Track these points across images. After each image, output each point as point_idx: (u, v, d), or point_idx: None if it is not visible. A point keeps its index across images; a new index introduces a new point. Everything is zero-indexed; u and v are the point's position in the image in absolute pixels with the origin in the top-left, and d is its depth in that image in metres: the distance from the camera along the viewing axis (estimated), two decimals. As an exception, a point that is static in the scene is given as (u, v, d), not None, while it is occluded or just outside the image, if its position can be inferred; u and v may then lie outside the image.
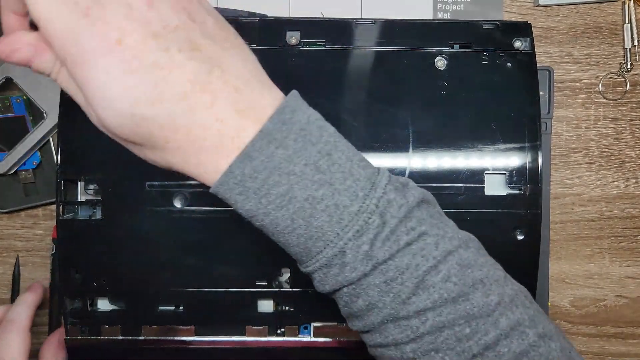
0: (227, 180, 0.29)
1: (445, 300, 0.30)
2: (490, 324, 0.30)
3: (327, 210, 0.29)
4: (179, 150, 0.29)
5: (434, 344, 0.30)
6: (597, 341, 0.54)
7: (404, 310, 0.30)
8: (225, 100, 0.28)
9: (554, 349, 0.30)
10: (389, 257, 0.30)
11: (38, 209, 0.52)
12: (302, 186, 0.29)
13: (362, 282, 0.30)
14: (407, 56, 0.45)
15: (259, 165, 0.29)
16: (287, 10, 0.52)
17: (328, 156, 0.30)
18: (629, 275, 0.53)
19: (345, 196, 0.30)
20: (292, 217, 0.29)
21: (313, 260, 0.31)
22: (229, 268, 0.44)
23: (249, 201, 0.30)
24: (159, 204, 0.43)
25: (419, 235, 0.30)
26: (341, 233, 0.29)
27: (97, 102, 0.28)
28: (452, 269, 0.30)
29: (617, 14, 0.53)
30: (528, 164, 0.44)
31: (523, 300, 0.32)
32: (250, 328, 0.45)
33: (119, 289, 0.44)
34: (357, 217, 0.29)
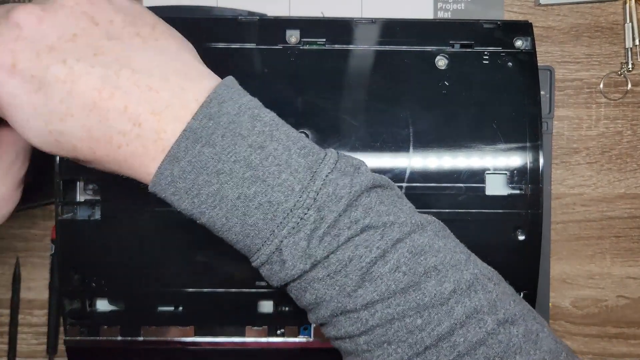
0: (158, 181, 0.29)
1: (394, 292, 0.29)
2: (444, 314, 0.29)
3: (261, 208, 0.28)
4: (110, 158, 0.29)
5: (385, 336, 0.29)
6: (598, 342, 0.53)
7: (351, 303, 0.29)
8: (137, 102, 0.28)
9: (515, 335, 0.29)
10: (328, 253, 0.29)
11: (37, 209, 0.52)
12: (233, 185, 0.28)
13: (304, 277, 0.29)
14: (408, 55, 0.45)
15: (186, 166, 0.28)
16: (287, 9, 0.52)
17: (261, 149, 0.28)
18: (630, 276, 0.53)
19: (280, 192, 0.28)
20: (226, 215, 0.29)
21: (255, 257, 0.30)
22: (228, 268, 0.44)
23: (182, 201, 0.29)
24: (158, 204, 0.43)
25: (362, 229, 0.29)
26: (276, 230, 0.28)
27: (18, 126, 0.29)
28: (402, 258, 0.29)
29: (618, 14, 0.53)
30: (529, 164, 0.43)
31: (485, 284, 0.30)
32: (250, 329, 0.45)
33: (118, 289, 0.44)
34: (292, 213, 0.28)
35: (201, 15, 0.49)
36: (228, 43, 0.44)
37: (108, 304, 0.45)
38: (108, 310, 0.45)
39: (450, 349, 0.28)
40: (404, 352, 0.29)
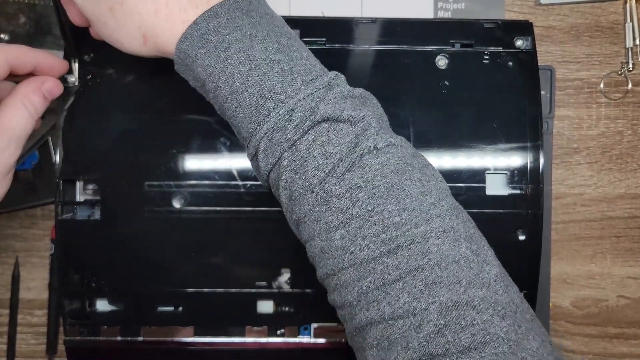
0: (191, 32, 0.31)
1: (379, 183, 0.30)
2: (422, 220, 0.29)
3: (282, 73, 0.31)
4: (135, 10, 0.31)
5: (361, 229, 0.29)
6: (599, 342, 0.53)
7: (337, 186, 0.30)
8: None
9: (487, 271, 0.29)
10: (329, 117, 0.30)
11: (37, 209, 0.52)
12: (262, 47, 0.31)
13: (301, 149, 0.30)
14: (408, 55, 0.45)
15: (224, 22, 0.31)
16: (287, 9, 0.52)
17: (288, 39, 0.32)
18: (630, 276, 0.53)
19: (301, 67, 0.31)
20: (247, 73, 0.31)
21: (261, 125, 0.31)
22: (228, 268, 0.44)
23: (208, 56, 0.31)
24: (158, 204, 0.43)
25: (363, 117, 0.31)
26: (292, 94, 0.31)
27: None
28: (392, 159, 0.30)
29: (619, 13, 0.53)
30: (529, 164, 0.43)
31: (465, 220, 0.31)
32: (250, 329, 0.45)
33: (118, 289, 0.44)
34: (310, 84, 0.31)
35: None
36: (228, 43, 0.44)
37: (108, 304, 0.45)
38: (108, 310, 0.44)
39: (422, 254, 0.28)
40: (376, 247, 0.29)
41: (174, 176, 0.43)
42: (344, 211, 0.30)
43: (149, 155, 0.43)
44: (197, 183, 0.43)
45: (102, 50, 0.43)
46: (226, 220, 0.43)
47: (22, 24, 0.48)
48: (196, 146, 0.43)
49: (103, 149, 0.43)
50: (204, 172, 0.43)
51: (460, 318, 0.27)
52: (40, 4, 0.48)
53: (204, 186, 0.43)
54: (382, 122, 0.32)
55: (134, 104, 0.43)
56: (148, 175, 0.43)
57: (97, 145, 0.43)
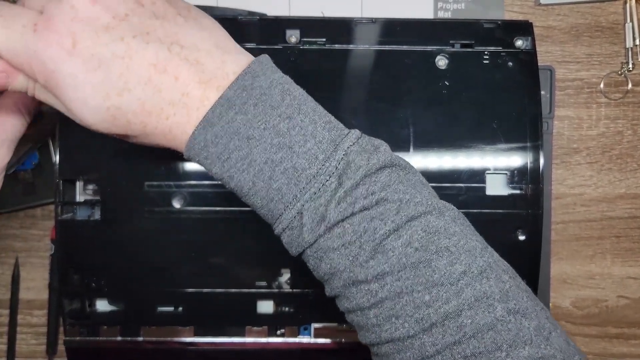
0: (192, 146, 0.31)
1: (404, 265, 0.29)
2: (453, 293, 0.29)
3: (286, 173, 0.30)
4: (157, 130, 0.31)
5: (393, 310, 0.29)
6: (599, 342, 0.53)
7: (363, 274, 0.30)
8: (187, 74, 0.30)
9: (526, 327, 0.29)
10: (342, 218, 0.30)
11: (37, 209, 0.52)
12: (261, 150, 0.30)
13: (320, 244, 0.30)
14: (408, 55, 0.44)
15: (219, 131, 0.30)
16: (287, 9, 0.52)
17: (289, 119, 0.30)
18: (630, 276, 0.53)
19: (304, 159, 0.30)
20: (253, 180, 0.30)
21: (277, 223, 0.31)
22: (228, 269, 0.44)
23: (214, 165, 0.31)
24: (158, 204, 0.43)
25: (377, 201, 0.30)
26: (299, 195, 0.30)
27: (74, 106, 0.30)
28: (415, 235, 0.30)
29: (619, 13, 0.53)
30: (529, 164, 0.43)
31: (498, 274, 0.30)
32: (250, 329, 0.45)
33: (118, 289, 0.44)
34: (315, 179, 0.30)
35: (201, 15, 0.49)
36: (228, 43, 0.44)
37: (108, 304, 0.45)
38: (108, 311, 0.44)
39: (457, 329, 0.28)
40: (410, 327, 0.29)
41: (174, 176, 0.43)
42: (374, 295, 0.30)
43: (149, 155, 0.43)
44: (197, 183, 0.43)
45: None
46: (226, 220, 0.43)
47: (22, 24, 0.48)
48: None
49: (103, 149, 0.43)
50: (204, 172, 0.43)
51: None
52: (40, 4, 0.48)
53: (204, 186, 0.43)
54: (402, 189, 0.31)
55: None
56: (148, 175, 0.43)
57: (97, 145, 0.43)
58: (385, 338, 0.30)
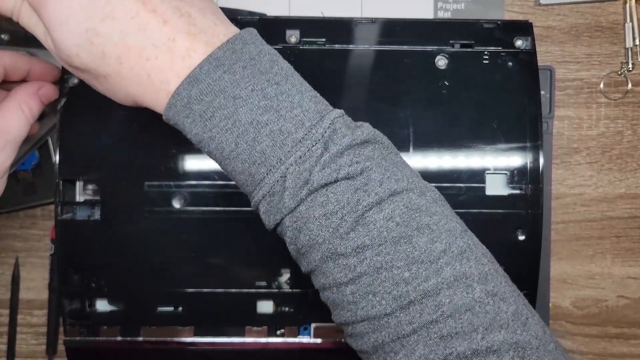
0: (174, 102, 0.30)
1: (385, 239, 0.29)
2: (432, 271, 0.29)
3: (271, 135, 0.29)
4: (134, 72, 0.30)
5: (371, 286, 0.29)
6: (599, 342, 0.53)
7: (342, 246, 0.29)
8: (177, 22, 0.29)
9: (504, 311, 0.29)
10: (326, 183, 0.29)
11: (37, 209, 0.52)
12: (247, 110, 0.29)
13: (301, 212, 0.30)
14: (408, 55, 0.44)
15: (205, 88, 0.29)
16: (287, 9, 0.52)
17: (277, 85, 0.30)
18: (630, 276, 0.53)
19: (291, 123, 0.29)
20: (236, 140, 0.29)
21: (257, 189, 0.30)
22: (228, 268, 0.44)
23: (195, 125, 0.30)
24: (157, 204, 0.43)
25: (362, 170, 0.30)
26: (283, 158, 0.29)
27: (54, 24, 0.29)
28: (397, 209, 0.29)
29: (619, 13, 0.53)
30: (529, 164, 0.43)
31: (478, 257, 0.30)
32: (250, 329, 0.45)
33: (118, 289, 0.44)
34: (301, 143, 0.29)
35: (201, 15, 0.49)
36: (228, 43, 0.44)
37: (108, 304, 0.44)
38: (108, 311, 0.44)
39: (435, 307, 0.28)
40: (387, 304, 0.29)
41: (174, 176, 0.43)
42: (352, 269, 0.29)
43: (149, 155, 0.43)
44: (197, 183, 0.43)
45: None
46: (226, 220, 0.43)
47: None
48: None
49: (103, 149, 0.43)
50: (204, 172, 0.43)
51: None
52: (40, 4, 0.48)
53: (204, 186, 0.43)
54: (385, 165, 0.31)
55: (133, 104, 0.43)
56: (148, 175, 0.43)
57: (97, 145, 0.43)
58: (361, 316, 0.30)
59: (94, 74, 0.31)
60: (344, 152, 0.30)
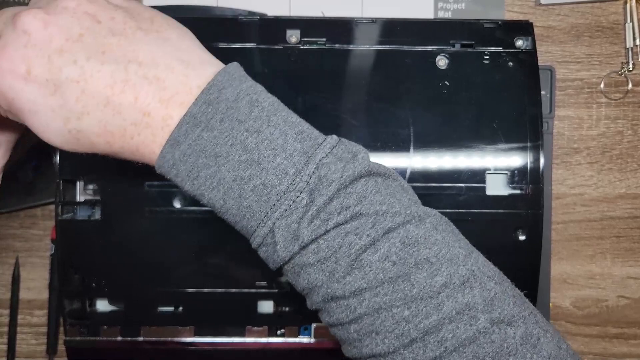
0: (162, 164, 0.30)
1: (382, 281, 0.29)
2: (433, 307, 0.28)
3: (256, 190, 0.29)
4: (125, 149, 0.30)
5: (373, 326, 0.29)
6: (599, 342, 0.53)
7: (340, 290, 0.29)
8: (147, 93, 0.29)
9: (511, 336, 0.28)
10: (316, 237, 0.29)
11: (37, 209, 0.52)
12: (229, 167, 0.29)
13: (295, 261, 0.30)
14: (408, 55, 0.44)
15: (186, 149, 0.29)
16: (287, 9, 0.52)
17: (257, 134, 0.29)
18: (630, 276, 0.53)
19: (274, 175, 0.29)
20: (223, 197, 0.30)
21: (252, 239, 0.31)
22: (228, 268, 0.44)
23: (185, 183, 0.30)
24: (158, 204, 0.43)
25: (352, 215, 0.29)
26: (269, 213, 0.29)
27: (37, 129, 0.30)
28: (393, 248, 0.29)
29: (619, 13, 0.53)
30: (529, 164, 0.43)
31: (483, 281, 0.29)
32: (250, 329, 0.45)
33: (118, 289, 0.44)
34: (285, 196, 0.29)
35: (201, 15, 0.49)
36: (228, 43, 0.44)
37: (108, 304, 0.44)
38: (108, 311, 0.44)
39: (438, 344, 0.28)
40: (390, 343, 0.29)
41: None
42: (353, 310, 0.29)
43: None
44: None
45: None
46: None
47: (22, 24, 0.48)
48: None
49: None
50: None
51: None
52: (40, 4, 0.48)
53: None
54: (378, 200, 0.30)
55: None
56: (148, 175, 0.43)
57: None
58: (367, 353, 0.30)
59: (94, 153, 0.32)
60: (332, 198, 0.29)
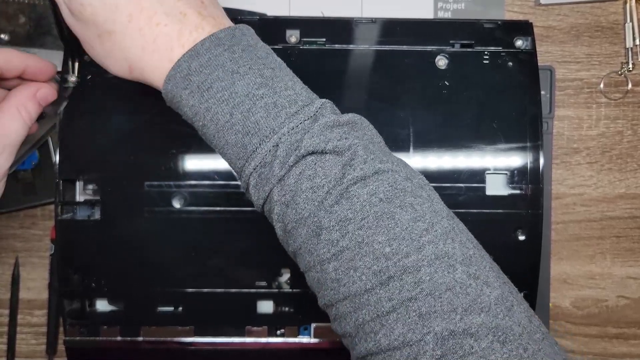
0: (174, 74, 0.31)
1: (368, 214, 0.29)
2: (414, 248, 0.28)
3: (266, 108, 0.30)
4: (140, 33, 0.31)
5: (352, 261, 0.29)
6: (599, 342, 0.53)
7: (327, 219, 0.30)
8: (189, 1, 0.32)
9: (487, 294, 0.28)
10: (314, 151, 0.30)
11: (37, 209, 0.52)
12: (244, 83, 0.31)
13: (289, 183, 0.30)
14: (408, 55, 0.44)
15: (205, 62, 0.31)
16: (287, 9, 0.52)
17: (272, 69, 0.32)
18: (630, 276, 0.53)
19: (285, 99, 0.31)
20: (231, 111, 0.31)
21: (249, 161, 0.31)
22: (228, 268, 0.44)
23: (192, 96, 0.31)
24: (157, 204, 0.43)
25: (349, 146, 0.30)
26: (276, 128, 0.30)
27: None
28: (382, 187, 0.30)
29: (619, 13, 0.53)
30: (529, 164, 0.43)
31: (463, 241, 0.30)
32: (250, 329, 0.45)
33: (117, 289, 0.44)
34: (295, 116, 0.31)
35: (201, 14, 0.49)
36: (228, 43, 0.44)
37: (108, 304, 0.44)
38: (108, 310, 0.44)
39: (414, 284, 0.28)
40: (368, 279, 0.29)
41: (174, 176, 0.43)
42: (335, 244, 0.30)
43: (149, 155, 0.43)
44: (197, 183, 0.43)
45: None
46: (226, 220, 0.43)
47: (22, 24, 0.48)
48: (196, 146, 0.43)
49: (103, 149, 0.43)
50: (204, 172, 0.43)
51: (458, 347, 0.27)
52: (40, 4, 0.48)
53: (204, 186, 0.43)
54: (371, 148, 0.31)
55: (134, 104, 0.43)
56: (148, 175, 0.43)
57: (97, 145, 0.43)
58: (343, 293, 0.30)
59: (99, 29, 0.32)
60: (334, 127, 0.31)
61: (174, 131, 0.43)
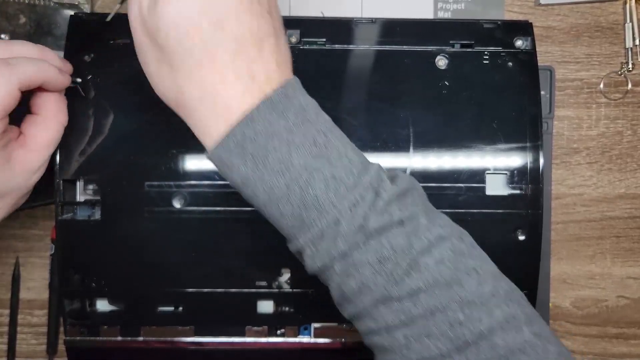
0: (227, 141, 0.30)
1: (438, 283, 0.30)
2: (485, 313, 0.29)
3: (325, 181, 0.30)
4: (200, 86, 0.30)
5: (426, 329, 0.29)
6: (599, 342, 0.53)
7: (396, 291, 0.30)
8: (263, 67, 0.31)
9: (552, 352, 0.30)
10: (381, 228, 0.30)
11: (37, 209, 0.52)
12: (301, 154, 0.30)
13: (354, 257, 0.30)
14: (408, 55, 0.45)
15: (260, 129, 0.30)
16: (287, 9, 0.52)
17: (324, 135, 0.31)
18: (630, 276, 0.53)
19: (342, 170, 0.30)
20: (288, 184, 0.30)
21: (305, 232, 0.30)
22: (228, 268, 0.44)
23: (245, 165, 0.30)
24: (158, 204, 0.43)
25: (411, 216, 0.31)
26: (337, 203, 0.30)
27: None
28: (445, 254, 0.30)
29: (619, 13, 0.53)
30: (529, 164, 0.43)
31: (519, 299, 0.31)
32: (250, 329, 0.45)
33: (118, 289, 0.44)
34: (354, 190, 0.30)
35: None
36: (228, 43, 0.44)
37: (108, 304, 0.45)
38: (108, 310, 0.44)
39: (490, 349, 0.29)
40: (444, 345, 0.29)
41: (174, 176, 0.43)
42: (407, 312, 0.30)
43: (149, 155, 0.43)
44: (197, 183, 0.43)
45: (102, 51, 0.43)
46: (226, 220, 0.43)
47: (22, 24, 0.48)
48: (196, 146, 0.43)
49: (103, 149, 0.43)
50: (204, 172, 0.43)
51: None
52: (40, 4, 0.48)
53: (204, 186, 0.43)
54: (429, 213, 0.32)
55: (134, 104, 0.43)
56: (148, 175, 0.43)
57: (97, 145, 0.43)
58: (416, 359, 0.30)
59: (164, 57, 0.31)
60: (393, 200, 0.30)
61: (175, 131, 0.43)
